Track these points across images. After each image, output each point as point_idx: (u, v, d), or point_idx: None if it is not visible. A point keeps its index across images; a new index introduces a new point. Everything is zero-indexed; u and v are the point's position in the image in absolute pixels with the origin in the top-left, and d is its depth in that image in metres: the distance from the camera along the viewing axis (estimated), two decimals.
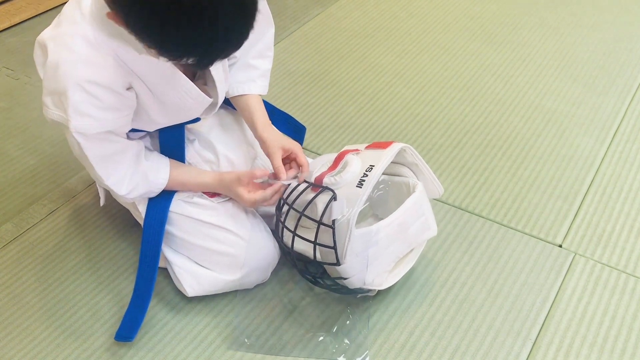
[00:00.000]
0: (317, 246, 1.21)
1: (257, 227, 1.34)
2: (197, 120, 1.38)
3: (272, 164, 1.31)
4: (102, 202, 1.45)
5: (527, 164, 1.74)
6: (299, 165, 1.32)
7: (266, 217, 1.43)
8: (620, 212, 1.60)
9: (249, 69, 1.41)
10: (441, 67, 2.13)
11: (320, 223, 1.20)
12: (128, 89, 1.16)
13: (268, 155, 1.33)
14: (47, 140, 1.81)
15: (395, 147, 1.26)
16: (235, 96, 1.41)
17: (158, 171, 1.30)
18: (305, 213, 1.22)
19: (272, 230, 1.36)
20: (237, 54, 1.39)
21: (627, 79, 2.08)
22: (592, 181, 1.69)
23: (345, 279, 1.23)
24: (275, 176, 1.31)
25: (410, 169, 1.36)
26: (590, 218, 1.58)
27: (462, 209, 1.60)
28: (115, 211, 1.55)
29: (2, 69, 2.11)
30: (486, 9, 2.47)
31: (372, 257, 1.22)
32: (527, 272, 1.44)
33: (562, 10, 2.46)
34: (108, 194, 1.44)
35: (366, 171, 1.22)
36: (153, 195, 1.33)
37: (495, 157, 1.76)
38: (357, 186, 1.20)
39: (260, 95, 1.42)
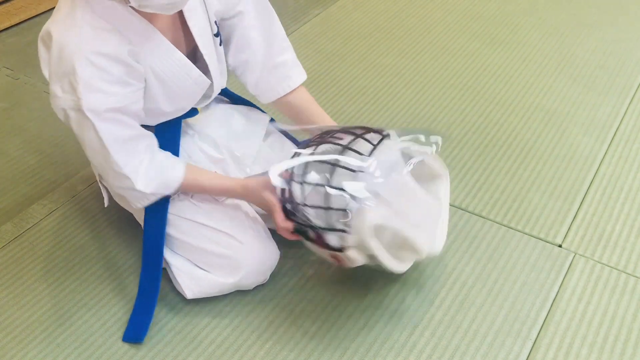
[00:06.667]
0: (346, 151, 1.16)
1: (255, 230, 1.34)
2: (194, 113, 1.38)
3: None
4: (106, 203, 1.45)
5: (527, 164, 1.74)
6: None
7: (265, 217, 1.44)
8: (620, 212, 1.60)
9: (279, 68, 1.40)
10: (441, 67, 2.13)
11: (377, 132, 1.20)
12: (137, 61, 1.17)
13: None
14: (47, 140, 1.81)
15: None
16: (282, 99, 1.40)
17: (174, 166, 1.27)
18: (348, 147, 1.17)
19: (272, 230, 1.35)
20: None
21: (627, 79, 2.08)
22: (592, 181, 1.69)
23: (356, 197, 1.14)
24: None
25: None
26: (590, 218, 1.58)
27: (462, 209, 1.60)
28: (115, 211, 1.55)
29: (2, 69, 2.11)
30: (486, 9, 2.47)
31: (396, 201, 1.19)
32: (527, 272, 1.44)
33: (562, 10, 2.46)
34: (111, 194, 1.44)
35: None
36: (169, 192, 1.29)
37: (495, 157, 1.76)
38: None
39: (304, 89, 1.43)
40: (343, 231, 1.15)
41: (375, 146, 1.18)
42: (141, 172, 1.22)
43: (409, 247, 1.26)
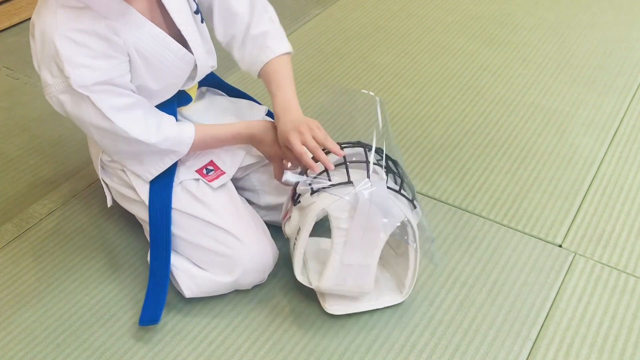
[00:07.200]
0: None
1: (253, 228, 1.34)
2: (188, 100, 1.38)
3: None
4: (109, 203, 1.45)
5: (527, 164, 1.74)
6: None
7: (268, 210, 1.44)
8: (620, 212, 1.60)
9: (259, 38, 1.37)
10: (441, 67, 2.13)
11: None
12: (116, 35, 1.19)
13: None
14: (47, 140, 1.82)
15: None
16: (261, 73, 1.38)
17: (183, 122, 1.31)
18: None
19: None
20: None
21: (627, 79, 2.08)
22: (592, 181, 1.69)
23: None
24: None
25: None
26: (590, 218, 1.58)
27: (462, 209, 1.60)
28: (116, 211, 1.56)
29: (2, 69, 2.11)
30: (486, 9, 2.47)
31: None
32: (527, 272, 1.44)
33: (562, 10, 2.46)
34: (113, 195, 1.44)
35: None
36: (182, 152, 1.30)
37: (495, 157, 1.76)
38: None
39: (284, 59, 1.38)
40: (312, 189, 1.22)
41: (403, 183, 1.26)
42: (152, 129, 1.25)
43: (318, 267, 1.31)
